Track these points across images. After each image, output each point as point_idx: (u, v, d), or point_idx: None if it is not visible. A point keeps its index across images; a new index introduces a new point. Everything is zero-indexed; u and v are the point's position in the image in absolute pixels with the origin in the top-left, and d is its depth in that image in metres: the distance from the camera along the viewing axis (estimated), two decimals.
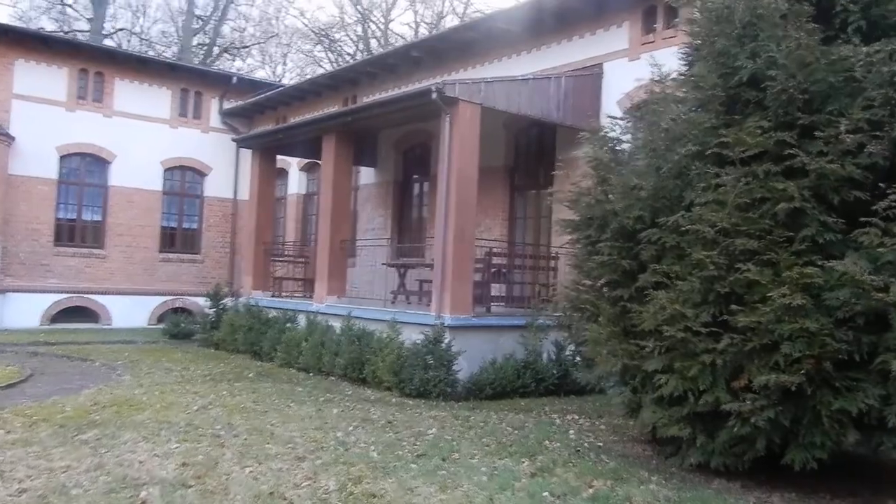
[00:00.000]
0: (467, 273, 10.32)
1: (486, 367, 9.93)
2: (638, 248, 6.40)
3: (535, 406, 9.22)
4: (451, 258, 10.12)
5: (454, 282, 10.10)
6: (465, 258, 10.27)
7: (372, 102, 11.66)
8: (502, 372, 9.83)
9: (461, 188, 10.25)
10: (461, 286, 10.19)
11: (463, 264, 10.22)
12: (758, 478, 6.09)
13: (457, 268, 10.13)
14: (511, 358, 10.06)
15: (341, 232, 12.81)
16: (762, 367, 5.37)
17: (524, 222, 13.46)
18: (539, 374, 10.04)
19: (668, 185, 6.30)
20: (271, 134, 14.50)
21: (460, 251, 10.19)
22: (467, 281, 10.31)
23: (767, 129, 5.71)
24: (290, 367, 11.93)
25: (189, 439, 6.71)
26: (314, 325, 12.04)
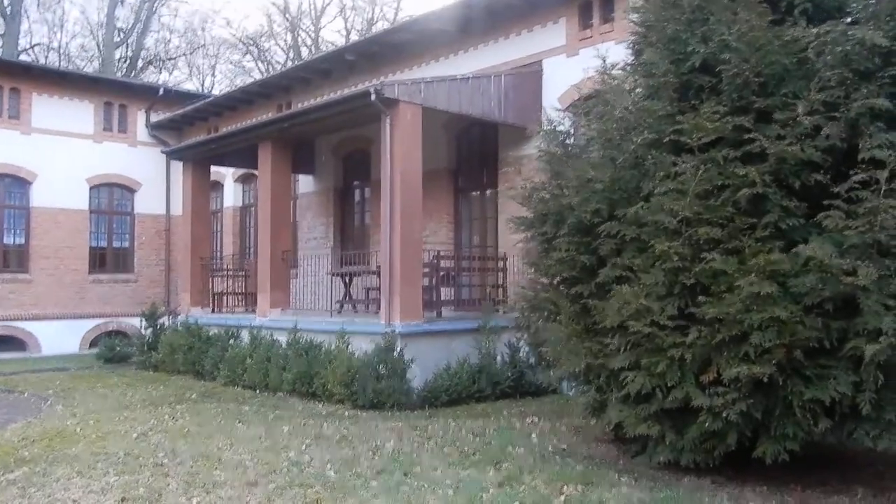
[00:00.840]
0: (416, 278, 10.09)
1: (441, 373, 9.72)
2: (596, 242, 6.23)
3: (492, 411, 9.02)
4: (398, 263, 9.87)
5: (403, 287, 9.86)
6: (413, 263, 10.04)
7: (309, 107, 11.32)
8: (457, 378, 9.63)
9: (405, 191, 10.02)
10: (410, 292, 9.95)
11: (411, 269, 9.98)
12: (727, 472, 5.98)
13: (405, 273, 9.89)
14: (465, 363, 9.87)
15: (282, 242, 12.49)
16: (732, 360, 5.24)
17: (470, 224, 13.34)
18: (494, 378, 9.88)
19: (625, 175, 6.15)
20: (203, 144, 14.01)
21: (408, 256, 9.95)
22: (416, 286, 10.08)
23: (724, 114, 5.60)
24: (235, 385, 11.54)
25: (128, 471, 6.27)
26: (258, 341, 11.68)
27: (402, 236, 9.89)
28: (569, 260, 6.37)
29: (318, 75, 15.59)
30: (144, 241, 19.48)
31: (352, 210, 15.81)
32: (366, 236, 14.91)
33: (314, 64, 15.43)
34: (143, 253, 19.42)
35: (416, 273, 10.10)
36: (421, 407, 9.29)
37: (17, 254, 17.60)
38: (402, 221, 9.93)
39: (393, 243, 9.92)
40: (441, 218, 13.27)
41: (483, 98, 11.19)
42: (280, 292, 12.39)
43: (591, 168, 6.32)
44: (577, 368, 6.22)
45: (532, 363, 10.02)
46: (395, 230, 9.93)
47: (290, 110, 11.90)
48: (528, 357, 10.15)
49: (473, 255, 12.05)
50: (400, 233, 9.89)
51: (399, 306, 9.81)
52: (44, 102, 17.83)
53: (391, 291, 9.87)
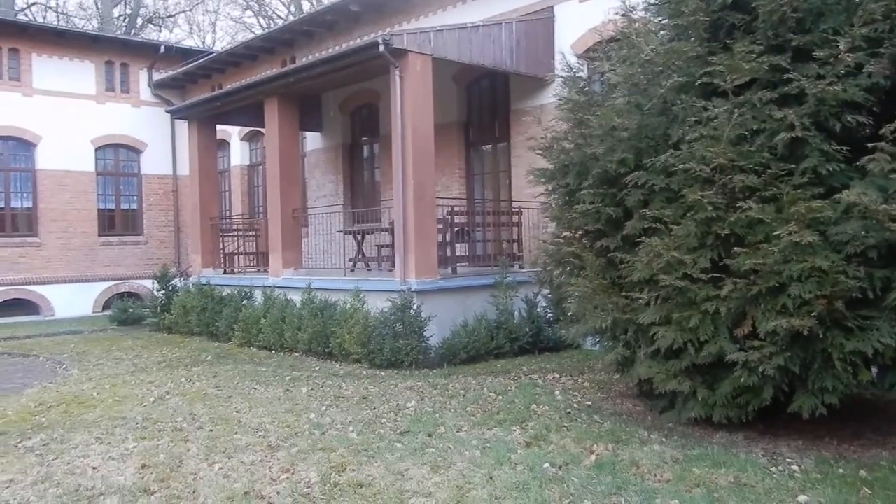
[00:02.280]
0: (430, 234, 9.91)
1: (458, 330, 9.59)
2: (622, 193, 6.03)
3: (512, 367, 8.92)
4: (412, 219, 9.69)
5: (417, 244, 9.70)
6: (427, 219, 9.86)
7: (315, 61, 10.96)
8: (475, 334, 9.51)
9: (417, 145, 9.79)
10: (425, 248, 9.79)
11: (425, 225, 9.81)
12: (758, 427, 5.88)
13: (419, 229, 9.72)
14: (482, 319, 9.73)
15: (292, 201, 12.31)
16: (769, 312, 5.06)
17: (482, 178, 13.15)
18: (513, 334, 9.76)
19: (653, 122, 5.91)
20: (208, 102, 13.70)
21: (421, 211, 9.77)
22: (431, 242, 9.91)
23: (759, 53, 5.34)
24: (250, 346, 11.46)
25: (148, 436, 6.17)
26: (272, 300, 11.56)
27: (415, 192, 9.70)
28: (593, 212, 6.19)
29: (323, 28, 15.25)
30: (153, 202, 19.34)
31: (361, 166, 15.60)
32: (376, 193, 14.73)
33: (318, 16, 15.02)
34: (152, 214, 19.30)
35: (431, 229, 9.92)
36: (440, 365, 9.19)
37: (26, 217, 17.48)
38: (415, 176, 9.73)
39: (406, 199, 9.72)
40: (453, 172, 13.07)
41: (494, 47, 10.86)
42: (292, 252, 12.25)
43: (617, 115, 6.06)
44: (604, 324, 6.05)
45: (550, 318, 9.93)
46: (407, 186, 9.72)
47: (295, 65, 11.54)
48: (546, 312, 10.07)
49: (487, 210, 11.86)
50: (413, 188, 9.69)
51: (414, 263, 9.66)
52: (44, 63, 17.53)
53: (405, 248, 9.71)
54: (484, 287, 10.24)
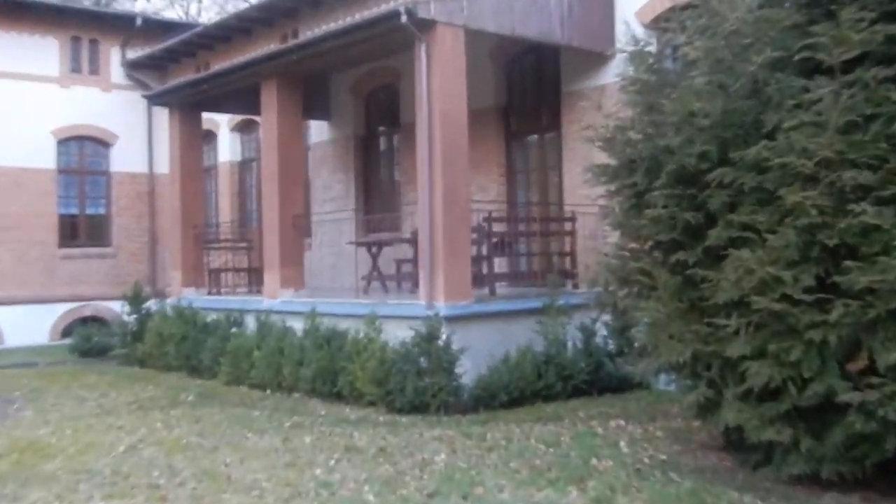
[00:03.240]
0: (463, 246, 9.92)
1: (497, 366, 9.56)
2: (704, 195, 6.04)
3: (565, 412, 8.85)
4: (440, 228, 9.71)
5: (447, 259, 9.70)
6: (459, 227, 9.88)
7: (323, 34, 11.08)
8: (518, 371, 9.47)
9: (448, 137, 9.83)
10: (457, 264, 9.79)
11: (457, 235, 9.82)
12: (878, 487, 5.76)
13: (449, 240, 9.73)
14: (527, 352, 9.70)
15: (293, 205, 12.41)
16: (889, 342, 5.04)
17: (526, 177, 13.17)
18: (565, 371, 9.70)
19: (741, 106, 5.91)
20: (193, 85, 13.90)
21: (452, 218, 9.79)
22: (464, 257, 9.92)
23: (871, 21, 5.31)
24: (239, 384, 11.51)
25: (118, 494, 6.19)
26: (267, 328, 11.62)
27: (444, 194, 9.72)
28: (667, 218, 6.19)
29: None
30: (124, 205, 19.44)
31: (377, 163, 15.69)
32: (396, 195, 14.79)
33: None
34: (123, 221, 19.41)
35: (464, 240, 9.93)
36: (474, 409, 9.17)
37: None
38: (445, 175, 9.75)
39: (433, 203, 9.74)
40: (490, 170, 13.12)
41: (541, 15, 10.87)
42: (292, 268, 12.33)
43: (696, 98, 6.05)
44: (681, 358, 6.03)
45: (613, 351, 9.88)
46: (435, 186, 9.75)
47: (299, 40, 11.67)
48: (608, 343, 10.03)
49: (533, 217, 11.85)
50: (442, 190, 9.71)
51: (443, 283, 9.66)
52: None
53: (432, 264, 9.72)
54: (529, 312, 10.21)
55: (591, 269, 9.49)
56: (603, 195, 7.23)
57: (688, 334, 5.97)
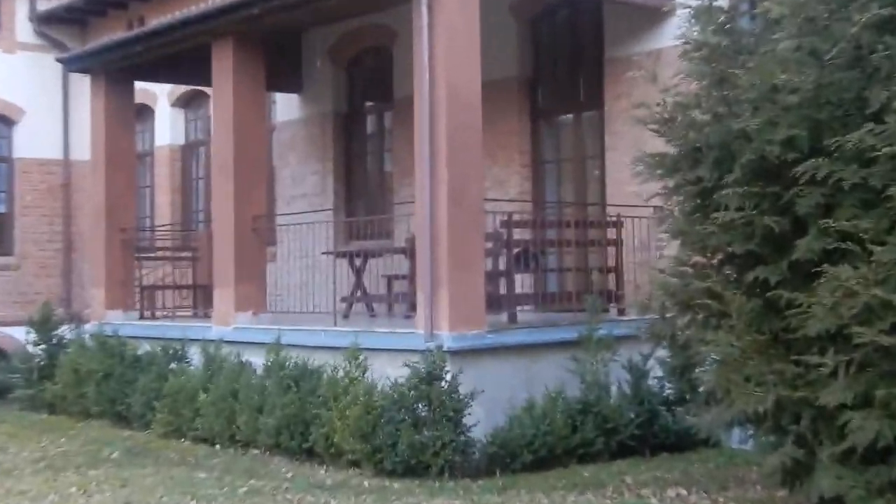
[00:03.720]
0: (474, 258, 9.91)
1: (519, 416, 9.55)
2: (790, 193, 6.09)
3: (608, 477, 8.79)
4: (444, 235, 9.68)
5: (454, 274, 9.66)
6: (470, 234, 9.86)
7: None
8: (546, 422, 9.45)
9: (456, 116, 9.81)
10: (466, 281, 9.77)
11: (466, 244, 9.80)
12: None
13: (456, 251, 9.70)
14: (559, 397, 9.67)
15: (252, 204, 12.43)
16: None
17: (557, 169, 13.20)
18: (608, 422, 9.67)
19: (839, 79, 5.96)
20: (123, 46, 13.87)
21: (460, 222, 9.75)
22: (475, 272, 9.89)
23: None
24: (180, 436, 11.51)
25: None
26: (218, 364, 11.59)
27: (450, 190, 9.70)
28: (743, 224, 6.23)
29: None
30: (30, 202, 19.38)
31: (363, 149, 15.68)
32: (387, 192, 14.82)
33: None
34: (30, 222, 19.32)
35: (475, 250, 9.93)
36: (488, 472, 9.16)
37: None
38: (451, 166, 9.73)
39: (436, 202, 9.74)
40: (511, 158, 13.12)
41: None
42: (251, 285, 12.34)
43: (781, 68, 6.10)
44: (761, 407, 6.04)
45: (670, 397, 9.86)
46: (438, 180, 9.74)
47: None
48: (664, 387, 9.99)
49: (566, 221, 11.84)
50: (447, 184, 9.69)
51: (448, 305, 9.63)
52: None
53: (434, 281, 9.70)
54: (561, 345, 10.24)
55: (643, 290, 9.60)
56: (658, 193, 7.24)
57: (769, 376, 6.00)
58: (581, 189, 12.84)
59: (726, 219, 6.24)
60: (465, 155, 9.90)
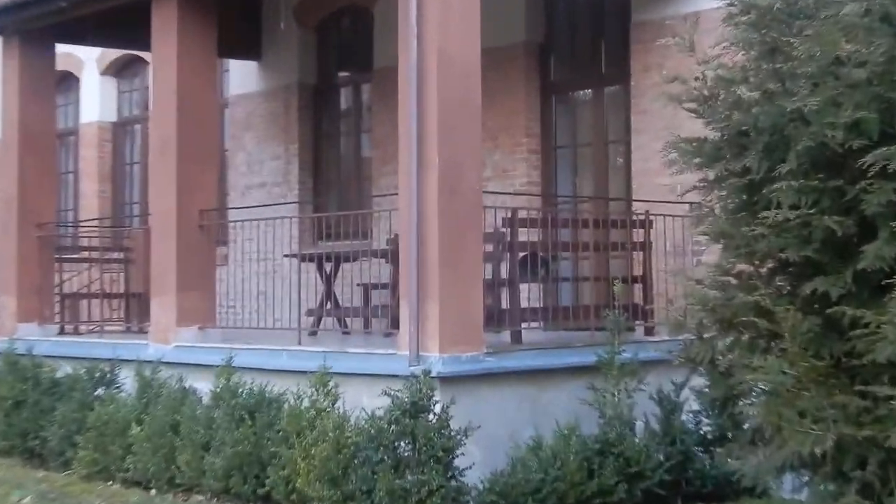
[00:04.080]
0: (471, 264, 9.91)
1: (524, 457, 9.51)
2: (856, 189, 6.10)
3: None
4: (435, 235, 9.68)
5: (445, 284, 9.67)
6: (466, 233, 9.87)
7: None
8: (556, 465, 9.39)
9: (449, 90, 9.84)
10: (460, 292, 9.78)
11: (461, 247, 9.81)
12: None
13: (449, 254, 9.71)
14: (572, 434, 9.65)
15: (199, 194, 12.52)
16: None
17: (573, 155, 13.35)
18: (632, 465, 9.59)
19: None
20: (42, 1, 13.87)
21: (454, 219, 9.77)
22: (471, 280, 9.90)
23: None
24: (107, 478, 11.46)
25: None
26: (155, 390, 11.55)
27: (441, 180, 9.71)
28: (798, 225, 6.25)
29: None
30: None
31: (335, 129, 15.87)
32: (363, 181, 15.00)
33: None
34: None
35: (472, 254, 9.94)
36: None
37: None
38: (443, 150, 9.73)
39: (424, 194, 9.75)
40: (517, 143, 13.21)
41: None
42: (197, 294, 12.41)
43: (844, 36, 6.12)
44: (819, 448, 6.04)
45: (708, 435, 9.87)
46: (427, 168, 9.76)
47: None
48: (700, 422, 10.01)
49: (583, 219, 11.85)
50: (438, 173, 9.70)
51: (438, 321, 9.63)
52: None
53: (421, 292, 9.69)
54: (575, 371, 10.29)
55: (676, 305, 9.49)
56: (695, 187, 7.28)
57: (829, 410, 6.01)
58: (602, 181, 12.92)
59: (778, 219, 6.28)
60: (461, 137, 9.92)
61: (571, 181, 13.26)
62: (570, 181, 13.27)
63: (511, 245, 10.83)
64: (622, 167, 12.56)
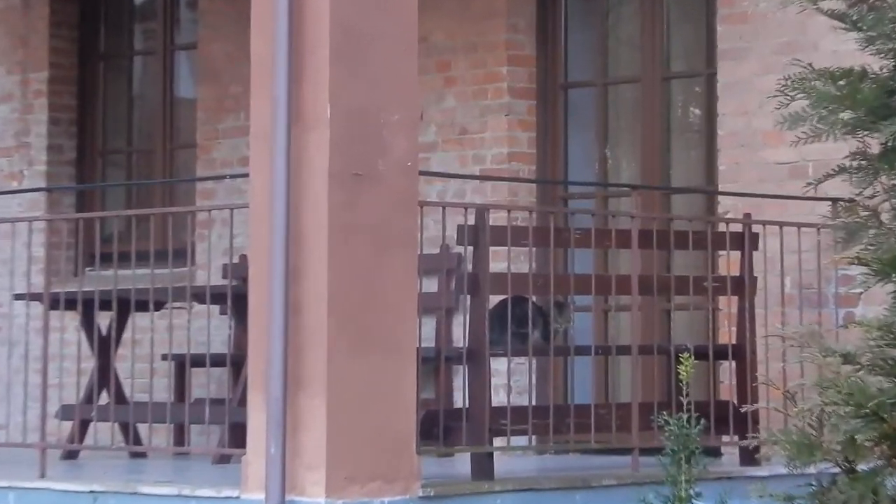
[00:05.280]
0: (394, 316, 10.13)
1: None
2: None
3: None
4: (320, 256, 9.86)
5: (339, 356, 9.83)
6: (383, 254, 10.10)
7: None
8: None
9: None
10: (368, 375, 9.91)
11: (372, 280, 10.02)
12: None
13: (347, 296, 9.87)
14: None
15: None
16: None
17: (598, 101, 13.67)
18: None
19: None
20: None
21: (359, 227, 9.94)
22: (394, 350, 10.10)
23: None
24: None
25: None
26: None
27: (337, 150, 9.89)
28: None
29: None
30: None
31: (121, 44, 16.35)
32: (176, 150, 15.50)
33: None
34: None
35: (395, 299, 10.12)
36: None
37: None
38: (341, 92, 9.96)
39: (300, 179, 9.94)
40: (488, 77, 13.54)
41: None
42: None
43: None
44: None
45: None
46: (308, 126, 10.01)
47: None
48: None
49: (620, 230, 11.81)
50: (331, 136, 9.87)
51: (324, 435, 9.74)
52: None
53: (292, 374, 9.80)
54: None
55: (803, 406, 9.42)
56: (842, 168, 7.73)
57: None
58: (653, 155, 13.10)
59: None
60: (378, 64, 10.09)
61: (595, 155, 13.40)
62: (593, 155, 13.43)
63: (476, 280, 10.86)
64: (697, 127, 12.69)
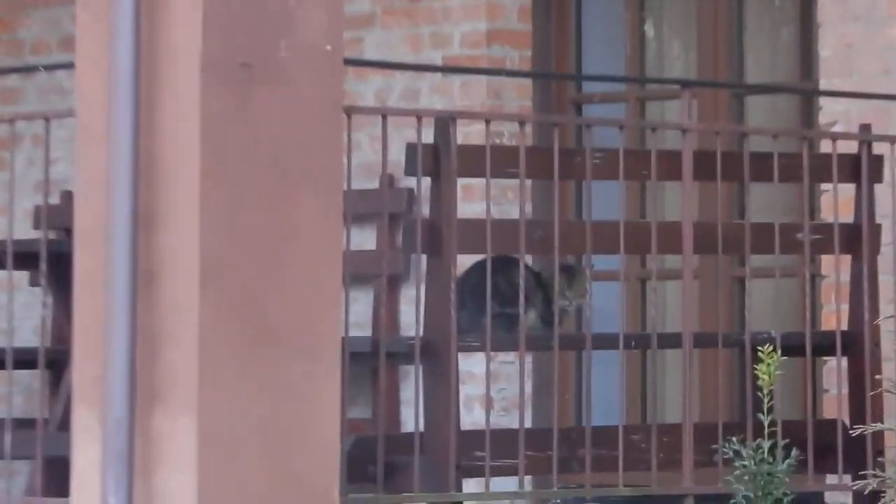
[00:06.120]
0: (306, 287, 8.83)
1: None
2: None
3: None
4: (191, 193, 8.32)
5: (214, 351, 8.22)
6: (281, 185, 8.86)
7: None
8: None
9: None
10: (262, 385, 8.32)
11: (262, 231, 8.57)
12: None
13: (218, 256, 8.31)
14: None
15: None
16: None
17: None
18: None
19: None
20: None
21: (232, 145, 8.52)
22: (305, 346, 8.59)
23: None
24: None
25: None
26: None
27: (211, 39, 8.50)
28: None
29: None
30: None
31: None
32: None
33: None
34: None
35: (316, 270, 8.95)
36: None
37: None
38: None
39: None
40: None
41: None
42: None
43: None
44: None
45: None
46: None
47: None
48: None
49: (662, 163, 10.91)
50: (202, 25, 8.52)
51: (196, 490, 8.34)
52: None
53: (137, 396, 8.27)
54: None
55: None
56: None
57: None
58: (715, 36, 13.86)
59: None
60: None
61: (624, 32, 13.14)
62: (622, 33, 13.33)
63: (437, 231, 10.17)
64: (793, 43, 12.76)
